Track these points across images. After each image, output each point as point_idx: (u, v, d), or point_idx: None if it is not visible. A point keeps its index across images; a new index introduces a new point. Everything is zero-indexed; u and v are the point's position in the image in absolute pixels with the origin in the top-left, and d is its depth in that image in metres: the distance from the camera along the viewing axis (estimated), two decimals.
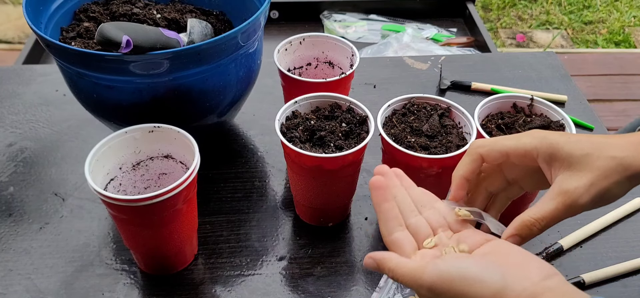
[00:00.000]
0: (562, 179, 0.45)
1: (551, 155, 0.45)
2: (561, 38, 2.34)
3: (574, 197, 0.44)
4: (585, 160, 0.44)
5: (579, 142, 0.45)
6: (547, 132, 0.47)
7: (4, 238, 0.65)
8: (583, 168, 0.44)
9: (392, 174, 0.51)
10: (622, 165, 0.44)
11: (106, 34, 0.55)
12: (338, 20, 1.41)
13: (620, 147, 0.44)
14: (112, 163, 0.58)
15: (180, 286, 0.60)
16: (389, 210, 0.48)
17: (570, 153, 0.44)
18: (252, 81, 0.71)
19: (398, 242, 0.46)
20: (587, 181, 0.44)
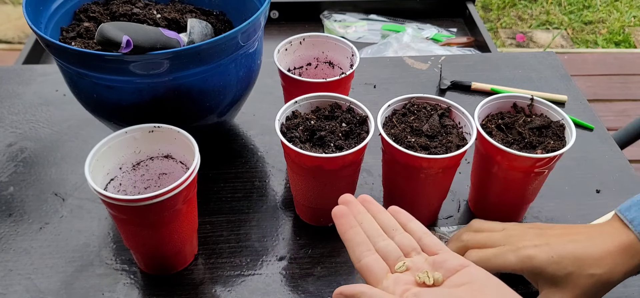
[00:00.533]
0: (547, 294, 0.50)
1: (536, 276, 0.50)
2: (561, 38, 2.34)
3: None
4: (568, 279, 0.49)
5: (562, 262, 0.49)
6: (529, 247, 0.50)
7: (4, 238, 0.65)
8: (565, 287, 0.49)
9: (356, 202, 0.51)
10: (601, 282, 0.49)
11: (106, 34, 0.55)
12: (338, 20, 1.41)
13: (599, 263, 0.48)
14: (112, 163, 0.58)
15: (180, 286, 0.60)
16: (355, 236, 0.47)
17: (554, 275, 0.49)
18: (252, 81, 0.71)
19: (368, 267, 0.46)
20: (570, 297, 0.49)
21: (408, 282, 0.44)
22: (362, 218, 0.49)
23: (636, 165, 1.70)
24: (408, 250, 0.47)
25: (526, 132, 0.62)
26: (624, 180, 0.75)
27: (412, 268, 0.45)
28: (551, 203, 0.71)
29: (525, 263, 0.49)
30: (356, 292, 0.44)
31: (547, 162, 0.59)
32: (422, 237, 0.48)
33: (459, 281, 0.43)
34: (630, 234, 0.49)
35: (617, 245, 0.49)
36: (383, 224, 0.49)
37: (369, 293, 0.43)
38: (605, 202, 0.71)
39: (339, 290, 0.45)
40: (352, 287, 0.44)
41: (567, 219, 0.69)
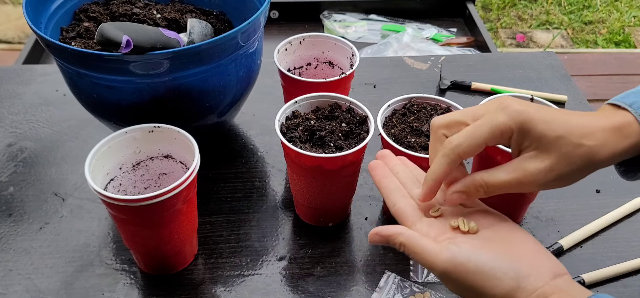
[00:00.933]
0: (525, 158, 0.44)
1: (524, 135, 0.44)
2: (561, 38, 2.34)
3: (532, 179, 0.44)
4: (555, 143, 0.43)
5: (553, 123, 0.43)
6: (517, 104, 0.44)
7: (4, 238, 0.65)
8: (549, 151, 0.43)
9: (392, 156, 0.52)
10: (588, 155, 0.43)
11: (106, 34, 0.55)
12: (338, 20, 1.41)
13: (592, 133, 0.44)
14: (112, 163, 0.58)
15: (180, 286, 0.60)
16: (390, 183, 0.48)
17: (542, 134, 0.43)
18: (252, 81, 0.71)
19: (402, 210, 0.46)
20: (549, 165, 0.43)
21: (443, 226, 0.45)
22: (398, 169, 0.50)
23: None
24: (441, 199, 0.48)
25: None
26: (624, 180, 0.74)
27: (445, 215, 0.46)
28: (551, 203, 0.71)
29: (517, 117, 0.43)
30: (392, 233, 0.44)
31: None
32: None
33: (494, 236, 0.44)
34: (626, 115, 0.45)
35: (611, 123, 0.45)
36: (419, 178, 0.50)
37: (406, 234, 0.43)
38: (605, 202, 0.71)
39: (375, 231, 0.45)
40: (389, 227, 0.44)
41: (567, 219, 0.69)
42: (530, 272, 0.41)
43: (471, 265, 0.41)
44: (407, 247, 0.43)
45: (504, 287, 0.40)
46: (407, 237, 0.43)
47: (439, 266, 0.42)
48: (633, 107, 0.45)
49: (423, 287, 0.60)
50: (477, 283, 0.41)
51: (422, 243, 0.43)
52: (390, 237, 0.44)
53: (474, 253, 0.42)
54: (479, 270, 0.41)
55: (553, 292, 0.40)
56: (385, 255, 0.64)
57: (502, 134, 0.44)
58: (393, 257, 0.64)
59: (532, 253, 0.43)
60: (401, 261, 0.63)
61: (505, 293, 0.40)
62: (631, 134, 0.44)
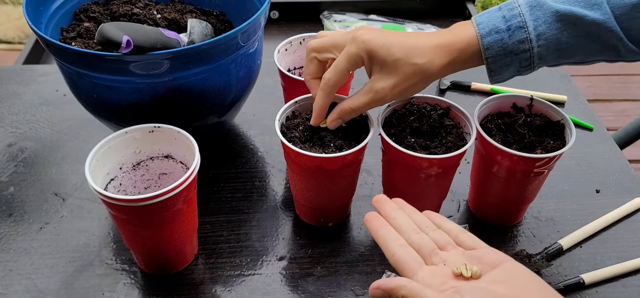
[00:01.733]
0: (374, 79, 0.56)
1: (371, 61, 0.55)
2: None
3: (381, 95, 0.56)
4: (394, 65, 0.55)
5: (391, 48, 0.54)
6: (365, 34, 0.55)
7: (4, 238, 0.65)
8: (391, 72, 0.55)
9: (389, 202, 0.51)
10: (421, 71, 0.55)
11: (106, 34, 0.55)
12: (338, 21, 1.41)
13: (423, 53, 0.54)
14: (112, 163, 0.58)
15: (180, 286, 0.60)
16: (387, 233, 0.47)
17: (384, 59, 0.55)
18: (252, 81, 0.72)
19: (402, 261, 0.45)
20: (392, 83, 0.55)
21: (445, 274, 0.43)
22: (395, 215, 0.49)
23: (636, 165, 1.71)
24: (443, 244, 0.46)
25: (526, 132, 0.62)
26: (624, 180, 0.75)
27: (448, 262, 0.44)
28: (551, 203, 0.71)
29: (363, 47, 0.54)
30: (395, 286, 0.42)
31: (547, 162, 0.59)
32: (458, 235, 0.47)
33: (497, 277, 0.42)
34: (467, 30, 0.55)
35: (439, 41, 0.55)
36: (417, 222, 0.49)
37: (408, 286, 0.42)
38: (605, 202, 0.71)
39: (376, 284, 0.44)
40: (390, 280, 0.43)
41: (567, 219, 0.69)
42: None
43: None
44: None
45: None
46: (409, 289, 0.42)
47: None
48: (479, 26, 0.54)
49: None
50: None
51: (425, 295, 0.41)
52: (392, 290, 0.43)
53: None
54: None
55: None
56: None
57: (356, 62, 0.56)
58: None
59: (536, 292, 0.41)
60: None
61: None
62: (454, 50, 0.55)
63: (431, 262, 0.45)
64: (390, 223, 0.48)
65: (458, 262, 0.44)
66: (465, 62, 0.56)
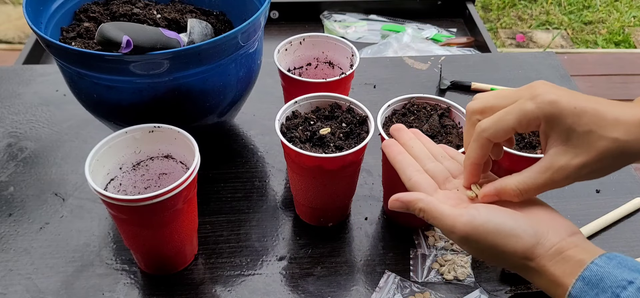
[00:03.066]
0: (555, 154, 0.43)
1: (551, 127, 0.43)
2: (561, 38, 2.34)
3: (564, 175, 0.43)
4: (586, 138, 0.42)
5: (584, 116, 0.42)
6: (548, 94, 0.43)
7: (4, 238, 0.65)
8: (580, 147, 0.42)
9: (406, 130, 0.53)
10: (621, 150, 0.42)
11: (106, 34, 0.55)
12: (338, 20, 1.41)
13: (626, 128, 0.42)
14: (112, 163, 0.58)
15: (180, 286, 0.60)
16: (405, 158, 0.50)
17: (571, 128, 0.42)
18: (252, 81, 0.71)
19: (417, 184, 0.48)
20: (581, 162, 0.42)
21: (458, 197, 0.46)
22: (412, 144, 0.51)
23: (636, 165, 1.70)
24: (456, 173, 0.49)
25: (526, 132, 0.62)
26: (624, 180, 0.75)
27: (461, 189, 0.48)
28: (551, 203, 0.70)
29: (545, 108, 0.42)
30: (412, 199, 0.46)
31: None
32: None
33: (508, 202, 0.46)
34: None
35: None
36: (432, 151, 0.51)
37: (425, 200, 0.45)
38: (605, 202, 0.71)
39: (395, 197, 0.47)
40: (409, 194, 0.46)
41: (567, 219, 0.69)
42: (548, 229, 0.43)
43: (491, 225, 0.43)
44: (426, 212, 0.45)
45: (524, 243, 0.42)
46: (426, 202, 0.45)
47: (459, 229, 0.43)
48: None
49: (423, 287, 0.60)
50: (497, 242, 0.42)
51: (441, 208, 0.44)
52: (410, 202, 0.46)
53: (493, 215, 0.43)
54: (499, 229, 0.42)
55: (570, 247, 0.42)
56: (385, 255, 0.64)
57: (528, 123, 0.43)
58: (393, 257, 0.64)
59: (548, 214, 0.45)
60: (401, 261, 0.63)
61: (525, 249, 0.42)
62: None
63: (445, 187, 0.48)
64: (408, 151, 0.51)
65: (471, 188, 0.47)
66: None
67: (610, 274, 0.39)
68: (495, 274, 0.62)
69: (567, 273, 0.41)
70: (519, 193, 0.45)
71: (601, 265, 0.40)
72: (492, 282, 0.61)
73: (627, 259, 0.40)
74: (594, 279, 0.40)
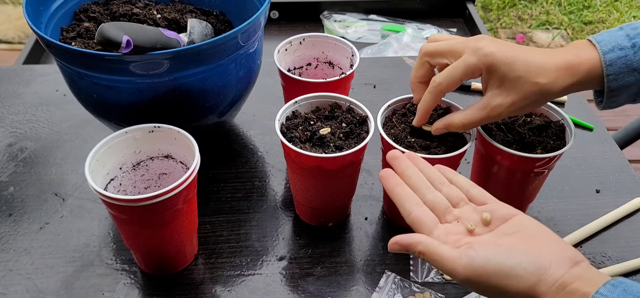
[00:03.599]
0: (491, 95, 0.54)
1: (490, 74, 0.54)
2: (561, 38, 2.34)
3: (497, 112, 0.54)
4: (515, 82, 0.53)
5: (515, 64, 0.52)
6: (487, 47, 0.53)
7: (4, 238, 0.65)
8: (511, 89, 0.53)
9: (403, 157, 0.53)
10: (543, 91, 0.53)
11: (106, 34, 0.55)
12: (338, 21, 1.41)
13: (546, 72, 0.52)
14: (112, 163, 0.58)
15: (180, 286, 0.60)
16: (403, 192, 0.50)
17: (504, 75, 0.53)
18: (252, 81, 0.71)
19: (418, 220, 0.47)
20: (510, 100, 0.53)
21: (459, 231, 0.46)
22: (410, 173, 0.51)
23: (636, 165, 1.70)
24: (456, 201, 0.49)
25: (526, 132, 0.62)
26: (624, 180, 0.75)
27: (461, 219, 0.47)
28: (551, 203, 0.71)
29: (484, 59, 0.53)
30: (412, 242, 0.45)
31: (547, 162, 0.59)
32: (469, 189, 0.50)
33: (508, 230, 0.45)
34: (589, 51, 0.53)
35: (564, 61, 0.53)
36: (430, 178, 0.51)
37: (425, 242, 0.45)
38: (605, 202, 0.71)
39: (395, 240, 0.46)
40: (408, 236, 0.46)
41: (567, 219, 0.69)
42: (550, 263, 0.42)
43: (491, 267, 0.42)
44: (426, 255, 0.44)
45: (526, 283, 0.42)
46: (425, 245, 0.45)
47: (459, 272, 0.43)
48: (600, 43, 0.53)
49: (423, 287, 0.60)
50: (500, 284, 0.42)
51: (441, 251, 0.44)
52: (409, 245, 0.45)
53: (492, 254, 0.43)
54: (499, 270, 0.42)
55: (573, 280, 0.41)
56: (385, 255, 0.64)
57: (472, 73, 0.54)
58: (393, 257, 0.64)
59: (549, 244, 0.44)
60: (401, 261, 0.63)
61: (527, 288, 0.42)
62: (578, 72, 0.53)
63: (445, 220, 0.48)
64: (405, 181, 0.51)
65: (470, 218, 0.47)
66: (586, 85, 0.54)
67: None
68: None
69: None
70: (463, 125, 0.56)
71: (605, 294, 0.40)
72: None
73: (632, 285, 0.40)
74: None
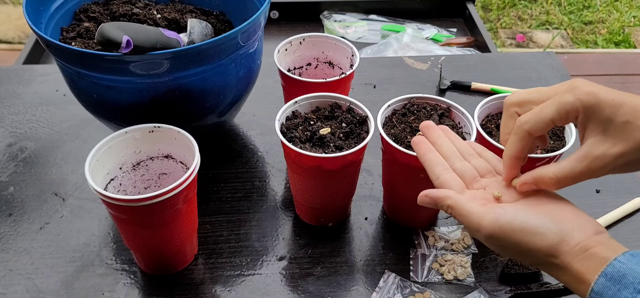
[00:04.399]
0: (593, 143, 0.44)
1: (590, 117, 0.44)
2: (561, 38, 2.34)
3: (601, 164, 0.44)
4: (623, 128, 0.43)
5: (622, 107, 0.43)
6: (587, 86, 0.44)
7: (4, 238, 0.65)
8: (618, 136, 0.43)
9: (435, 127, 0.54)
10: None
11: (106, 34, 0.55)
12: (338, 21, 1.41)
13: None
14: (112, 163, 0.58)
15: (180, 286, 0.60)
16: (434, 157, 0.51)
17: (610, 119, 0.43)
18: (252, 81, 0.71)
19: (446, 183, 0.49)
20: (618, 151, 0.43)
21: (485, 197, 0.48)
22: (442, 142, 0.52)
23: None
24: (484, 172, 0.50)
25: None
26: (624, 180, 0.75)
27: (488, 188, 0.49)
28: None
29: (584, 99, 0.43)
30: (442, 196, 0.47)
31: (547, 162, 0.59)
32: (497, 165, 0.51)
33: (535, 201, 0.46)
34: None
35: None
36: (460, 149, 0.52)
37: (454, 197, 0.46)
38: (605, 202, 0.71)
39: (424, 193, 0.48)
40: (437, 191, 0.47)
41: None
42: (573, 227, 0.43)
43: (516, 223, 0.43)
44: (454, 209, 0.46)
45: (549, 241, 0.43)
46: (454, 200, 0.46)
47: (484, 227, 0.44)
48: None
49: (423, 287, 0.60)
50: (523, 240, 0.43)
51: (469, 206, 0.45)
52: (439, 198, 0.47)
53: (519, 213, 0.44)
54: (524, 227, 0.43)
55: (594, 245, 0.42)
56: (385, 255, 0.64)
57: (567, 114, 0.44)
58: (393, 257, 0.64)
59: (574, 213, 0.45)
60: (401, 261, 0.63)
61: (549, 246, 0.43)
62: None
63: (472, 187, 0.49)
64: (437, 149, 0.52)
65: (497, 188, 0.48)
66: None
67: (633, 271, 0.40)
68: (495, 274, 0.62)
69: (590, 270, 0.41)
70: (557, 181, 0.46)
71: (624, 261, 0.40)
72: (492, 282, 0.61)
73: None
74: (616, 275, 0.40)
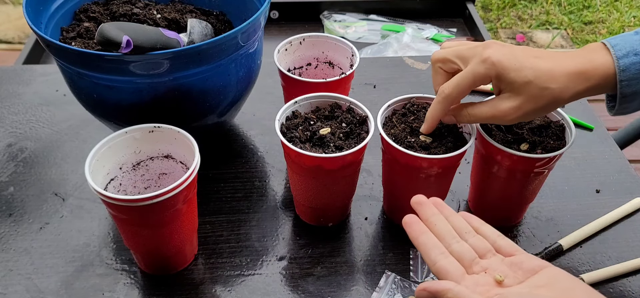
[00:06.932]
0: (500, 98, 0.54)
1: (499, 81, 0.53)
2: (561, 38, 2.34)
3: (502, 114, 0.54)
4: (524, 88, 0.52)
5: (523, 70, 0.52)
6: (495, 55, 0.52)
7: (4, 238, 0.65)
8: (519, 93, 0.52)
9: (428, 203, 0.51)
10: (552, 96, 0.52)
11: (106, 34, 0.55)
12: (338, 21, 1.41)
13: (556, 78, 0.51)
14: (112, 163, 0.58)
15: (180, 286, 0.60)
16: (428, 240, 0.47)
17: (513, 80, 0.52)
18: (252, 81, 0.72)
19: (444, 270, 0.45)
20: (517, 104, 0.53)
21: (487, 283, 0.44)
22: (435, 220, 0.49)
23: (636, 165, 1.70)
24: (483, 252, 0.47)
25: (526, 132, 0.62)
26: (624, 180, 0.75)
27: (489, 270, 0.45)
28: (551, 203, 0.71)
29: (491, 68, 0.52)
30: (442, 289, 0.43)
31: (547, 162, 0.59)
32: (496, 240, 0.48)
33: (539, 282, 0.43)
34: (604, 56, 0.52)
35: (576, 67, 0.52)
36: (456, 227, 0.49)
37: (455, 290, 0.43)
38: (605, 202, 0.71)
39: (423, 286, 0.45)
40: (437, 283, 0.44)
41: (567, 219, 0.69)
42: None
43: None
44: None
45: None
46: (456, 292, 0.43)
47: None
48: (615, 48, 0.52)
49: None
50: None
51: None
52: (438, 292, 0.43)
53: None
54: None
55: None
56: (385, 255, 0.64)
57: (482, 81, 0.54)
58: (393, 257, 0.64)
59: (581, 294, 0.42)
60: (401, 261, 0.63)
61: None
62: (592, 77, 0.52)
63: (472, 271, 0.45)
64: (430, 229, 0.49)
65: (498, 269, 0.45)
66: (599, 90, 0.53)
67: None
68: None
69: None
70: (470, 118, 0.57)
71: None
72: None
73: None
74: None
